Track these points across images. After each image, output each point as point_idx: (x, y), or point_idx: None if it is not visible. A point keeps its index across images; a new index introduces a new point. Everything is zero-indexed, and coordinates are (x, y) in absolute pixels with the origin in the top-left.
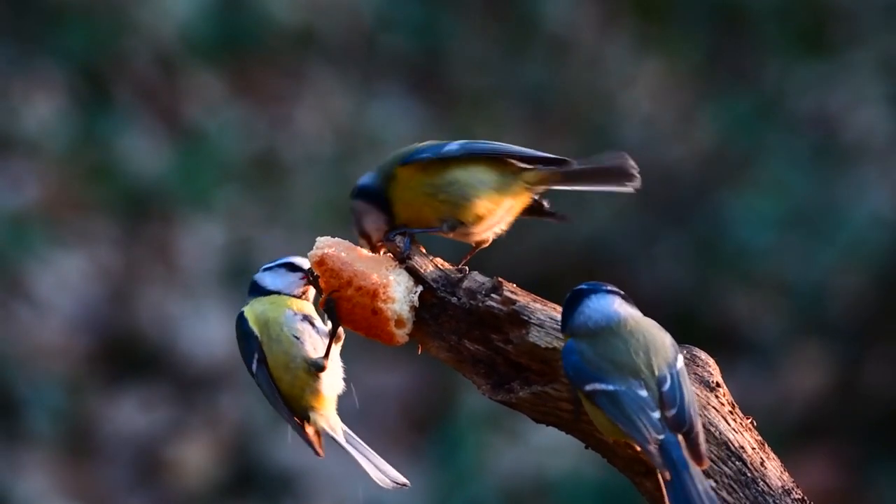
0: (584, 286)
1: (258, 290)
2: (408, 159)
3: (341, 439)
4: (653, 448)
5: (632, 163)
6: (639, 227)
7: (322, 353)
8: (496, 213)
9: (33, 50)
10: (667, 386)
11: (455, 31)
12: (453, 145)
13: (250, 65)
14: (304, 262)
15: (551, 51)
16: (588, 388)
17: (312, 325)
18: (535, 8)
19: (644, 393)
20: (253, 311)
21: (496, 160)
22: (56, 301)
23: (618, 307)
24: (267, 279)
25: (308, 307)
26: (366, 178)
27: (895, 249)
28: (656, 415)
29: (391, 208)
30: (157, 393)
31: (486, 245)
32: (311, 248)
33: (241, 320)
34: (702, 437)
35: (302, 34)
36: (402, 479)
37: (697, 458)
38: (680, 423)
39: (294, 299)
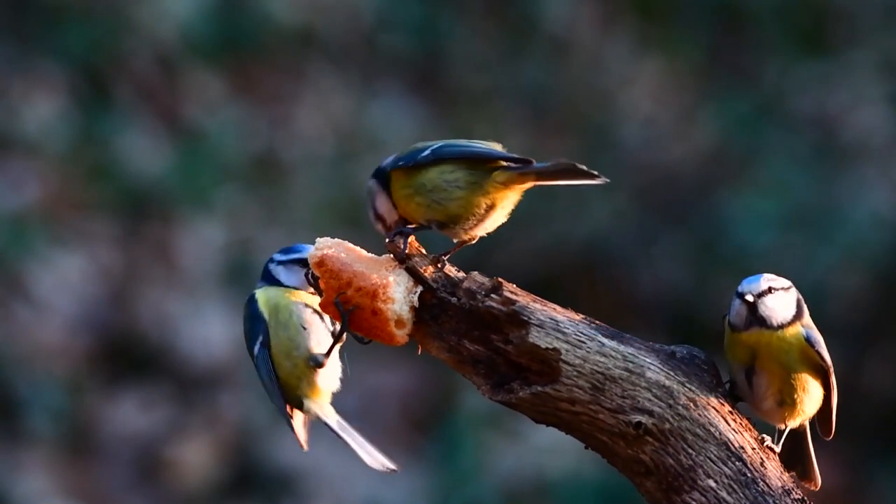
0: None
1: (271, 281)
2: (396, 164)
3: (335, 426)
4: None
5: (580, 165)
6: (639, 227)
7: (324, 350)
8: (475, 213)
9: (33, 50)
10: None
11: (455, 31)
12: (427, 150)
13: (250, 65)
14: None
15: (551, 51)
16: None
17: (321, 318)
18: (535, 8)
19: None
20: (265, 294)
21: (466, 161)
22: (56, 301)
23: None
24: (282, 275)
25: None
26: (387, 161)
27: (895, 249)
28: None
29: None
30: (157, 393)
31: (473, 242)
32: (311, 249)
33: (252, 302)
34: None
35: (302, 34)
36: (390, 464)
37: None
38: None
39: (307, 294)
